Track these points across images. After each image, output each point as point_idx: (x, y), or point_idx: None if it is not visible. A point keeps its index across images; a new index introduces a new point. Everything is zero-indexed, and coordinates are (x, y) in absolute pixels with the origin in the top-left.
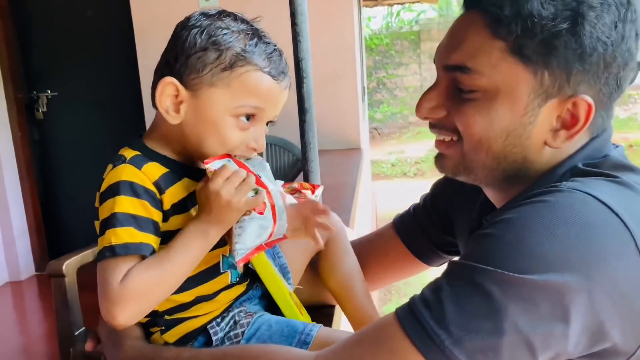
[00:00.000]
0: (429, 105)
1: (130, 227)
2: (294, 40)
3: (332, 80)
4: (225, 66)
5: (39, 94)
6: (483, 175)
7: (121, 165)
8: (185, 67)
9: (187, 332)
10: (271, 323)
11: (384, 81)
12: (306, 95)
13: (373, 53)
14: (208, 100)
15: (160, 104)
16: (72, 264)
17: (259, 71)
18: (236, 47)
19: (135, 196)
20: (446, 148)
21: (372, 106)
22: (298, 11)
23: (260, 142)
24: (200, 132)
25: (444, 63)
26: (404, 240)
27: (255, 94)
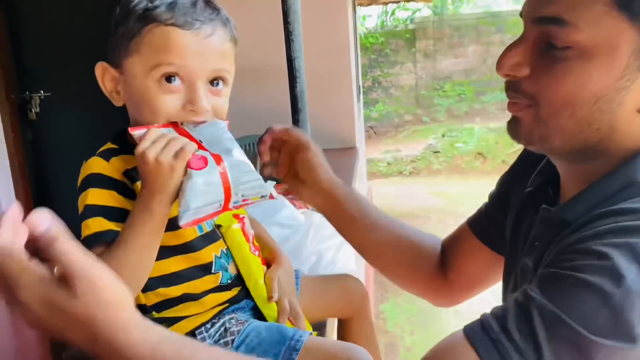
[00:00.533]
0: (512, 61)
1: (99, 216)
2: (287, 39)
3: (327, 79)
4: (134, 33)
5: (32, 95)
6: (559, 143)
7: (91, 158)
8: (110, 47)
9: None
10: (260, 330)
11: (380, 80)
12: (299, 94)
13: (368, 52)
14: (129, 71)
15: (105, 89)
16: None
17: (162, 25)
18: (139, 7)
19: (103, 187)
20: (519, 110)
21: (367, 105)
22: (291, 9)
23: (196, 104)
24: (134, 105)
25: (536, 14)
26: (481, 238)
27: (164, 51)
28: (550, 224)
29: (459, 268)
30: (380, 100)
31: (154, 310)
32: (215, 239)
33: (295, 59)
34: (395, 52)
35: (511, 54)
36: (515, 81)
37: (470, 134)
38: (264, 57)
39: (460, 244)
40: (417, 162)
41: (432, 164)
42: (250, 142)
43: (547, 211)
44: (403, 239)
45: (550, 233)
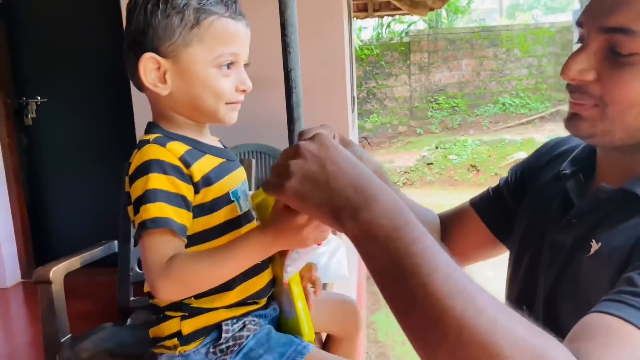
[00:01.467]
0: (578, 67)
1: (160, 202)
2: (284, 51)
3: (322, 90)
4: (192, 24)
5: (29, 100)
6: (620, 138)
7: (146, 146)
8: (155, 38)
9: (205, 325)
10: (272, 331)
11: (374, 91)
12: (295, 104)
13: (363, 63)
14: (189, 60)
15: (147, 80)
16: (59, 270)
17: (222, 17)
18: (192, 3)
19: (163, 173)
20: (585, 110)
21: (362, 116)
22: (288, 22)
23: (247, 83)
24: (192, 92)
25: (602, 24)
26: (485, 220)
27: (227, 41)
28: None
29: (454, 243)
30: (375, 112)
31: (194, 297)
32: (251, 219)
33: (292, 70)
34: (390, 64)
35: (577, 60)
36: (580, 85)
37: (463, 147)
38: (261, 68)
39: (461, 221)
40: (411, 174)
41: (426, 176)
42: (246, 151)
43: (602, 190)
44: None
45: (610, 208)
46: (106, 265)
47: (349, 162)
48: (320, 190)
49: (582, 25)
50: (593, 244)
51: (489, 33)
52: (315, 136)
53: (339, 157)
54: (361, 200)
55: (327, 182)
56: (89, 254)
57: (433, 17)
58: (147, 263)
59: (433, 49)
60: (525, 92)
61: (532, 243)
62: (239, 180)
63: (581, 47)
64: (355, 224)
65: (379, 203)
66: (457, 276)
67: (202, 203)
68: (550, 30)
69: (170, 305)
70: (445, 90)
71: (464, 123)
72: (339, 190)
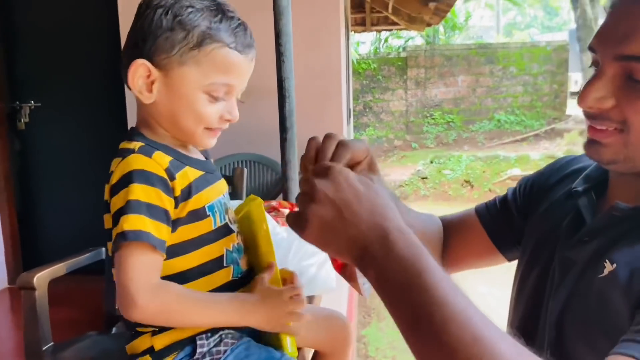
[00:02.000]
0: (596, 95)
1: (142, 214)
2: (278, 60)
3: (318, 101)
4: (194, 45)
5: (22, 104)
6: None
7: (131, 155)
8: (154, 47)
9: (177, 340)
10: (251, 346)
11: (371, 105)
12: (288, 113)
13: (360, 77)
14: (179, 78)
15: (134, 85)
16: (44, 276)
17: (226, 47)
18: (202, 25)
19: (149, 184)
20: (605, 137)
21: (358, 129)
22: (283, 31)
23: (234, 113)
24: (174, 108)
25: (618, 53)
26: (486, 229)
27: (224, 71)
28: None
29: (453, 247)
30: (371, 125)
31: None
32: (228, 233)
33: (285, 80)
34: (387, 79)
35: (594, 88)
36: (600, 112)
37: (458, 162)
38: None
39: (463, 227)
40: (405, 187)
41: (420, 190)
42: (239, 160)
43: (618, 209)
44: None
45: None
46: (93, 272)
47: (366, 203)
48: (339, 239)
49: (595, 51)
50: (607, 265)
51: (486, 50)
52: (330, 172)
53: (356, 198)
54: (378, 247)
55: (345, 230)
56: (75, 260)
57: (430, 33)
58: (126, 276)
59: (430, 65)
60: (521, 110)
61: (541, 260)
62: (218, 194)
63: (597, 75)
64: (373, 271)
65: (395, 251)
66: (474, 322)
67: (179, 217)
68: (546, 48)
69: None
70: (441, 105)
71: (459, 138)
72: (356, 239)
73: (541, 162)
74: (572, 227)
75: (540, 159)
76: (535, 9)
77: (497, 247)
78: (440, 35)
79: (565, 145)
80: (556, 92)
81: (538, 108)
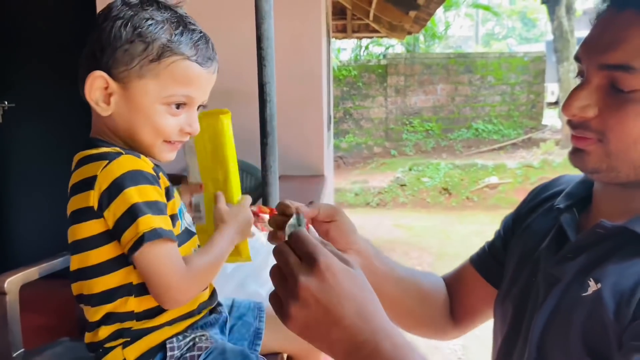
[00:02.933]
0: (580, 104)
1: (152, 213)
2: (259, 65)
3: (298, 107)
4: (153, 58)
5: None
6: (627, 174)
7: (121, 157)
8: (112, 60)
9: (149, 347)
10: (225, 350)
11: (351, 112)
12: (269, 118)
13: (341, 84)
14: (138, 91)
15: (90, 96)
16: (15, 281)
17: (187, 60)
18: (162, 37)
19: (148, 183)
20: (587, 145)
21: (338, 135)
22: (264, 36)
23: (194, 126)
24: (132, 121)
25: (602, 62)
26: (484, 275)
27: (184, 83)
28: (611, 236)
29: (461, 303)
30: (351, 132)
31: (136, 318)
32: (192, 235)
33: (266, 84)
34: (367, 86)
35: (578, 97)
36: (582, 121)
37: (436, 170)
38: (237, 82)
39: (463, 280)
40: (384, 195)
41: (399, 197)
42: None
43: (602, 227)
44: (423, 290)
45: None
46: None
47: (352, 303)
48: (323, 338)
49: (580, 61)
50: (591, 284)
51: (465, 59)
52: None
53: (342, 298)
54: (365, 352)
55: (329, 332)
56: (48, 264)
57: (411, 42)
58: (164, 273)
59: (410, 73)
60: (498, 119)
61: (522, 277)
62: (180, 201)
63: (582, 84)
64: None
65: (382, 354)
66: None
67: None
68: (523, 59)
69: (109, 337)
70: (420, 113)
71: (438, 147)
72: (340, 341)
73: (518, 170)
74: (555, 244)
75: (517, 168)
76: (513, 20)
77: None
78: (420, 43)
79: (542, 155)
80: (533, 102)
81: (515, 117)
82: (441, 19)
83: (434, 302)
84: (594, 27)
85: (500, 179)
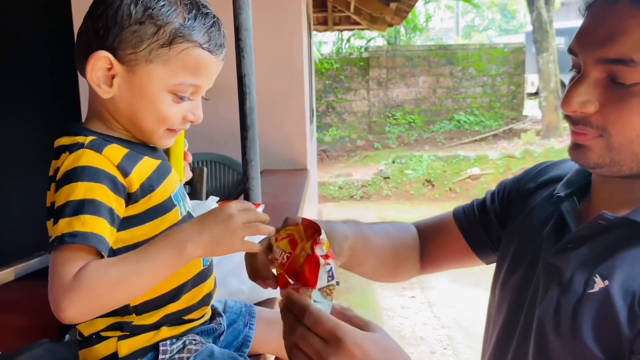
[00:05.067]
0: (580, 99)
1: (84, 214)
2: (238, 56)
3: (280, 100)
4: (164, 42)
5: None
6: (629, 168)
7: (79, 150)
8: (119, 40)
9: (143, 346)
10: (213, 353)
11: (334, 105)
12: (248, 111)
13: (323, 77)
14: (145, 76)
15: (92, 77)
16: None
17: (199, 48)
18: (175, 22)
19: (93, 180)
20: (588, 139)
21: (321, 129)
22: (243, 26)
23: (197, 114)
24: (135, 107)
25: (600, 56)
26: (463, 233)
27: (194, 72)
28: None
29: (430, 250)
30: (334, 125)
31: (135, 312)
32: None
33: (245, 76)
34: (349, 79)
35: (578, 93)
36: (582, 116)
37: (419, 162)
38: None
39: (440, 232)
40: (368, 187)
41: (382, 190)
42: (198, 160)
43: (604, 218)
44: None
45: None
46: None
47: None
48: None
49: (575, 54)
50: (597, 280)
51: (446, 51)
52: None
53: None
54: None
55: None
56: (24, 265)
57: (392, 34)
58: (57, 280)
59: (391, 65)
60: (480, 110)
61: (523, 265)
62: (177, 182)
63: (579, 78)
64: None
65: None
66: None
67: (145, 210)
68: (504, 50)
69: (107, 328)
70: (403, 106)
71: (420, 139)
72: None
73: (499, 161)
74: (555, 233)
75: (499, 158)
76: (493, 11)
77: (474, 251)
78: (401, 36)
79: (523, 145)
80: (514, 93)
81: (496, 109)
82: (422, 12)
83: (407, 256)
84: (587, 19)
85: (482, 169)
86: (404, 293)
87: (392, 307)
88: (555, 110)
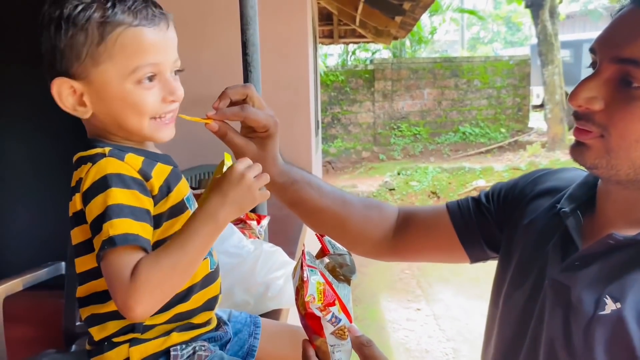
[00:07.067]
0: (587, 95)
1: (127, 218)
2: (245, 70)
3: (286, 112)
4: (97, 40)
5: None
6: (626, 173)
7: (103, 160)
8: (65, 61)
9: (154, 351)
10: (224, 357)
11: (339, 117)
12: None
13: (328, 89)
14: (101, 80)
15: (64, 105)
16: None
17: (130, 27)
18: (95, 16)
19: (126, 187)
20: (588, 138)
21: (326, 140)
22: (250, 41)
23: (177, 93)
24: (113, 111)
25: (615, 54)
26: (455, 225)
27: (140, 52)
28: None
29: (416, 238)
30: (339, 137)
31: None
32: None
33: None
34: (354, 91)
35: (587, 87)
36: (587, 112)
37: (424, 173)
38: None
39: (431, 220)
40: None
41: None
42: (205, 172)
43: (613, 238)
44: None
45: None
46: (52, 288)
47: None
48: None
49: (595, 52)
50: (608, 301)
51: (451, 64)
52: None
53: None
54: None
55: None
56: (32, 275)
57: (397, 46)
58: (114, 283)
59: (396, 78)
60: (485, 122)
61: (529, 281)
62: (188, 188)
63: (592, 74)
64: None
65: None
66: None
67: (161, 213)
68: (509, 62)
69: (119, 331)
70: (408, 118)
71: (425, 150)
72: None
73: (505, 173)
74: (561, 249)
75: (504, 170)
76: (498, 24)
77: (463, 245)
78: (406, 48)
79: (528, 157)
80: (519, 105)
81: (501, 120)
82: (427, 24)
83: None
84: (613, 21)
85: (487, 181)
86: (410, 305)
87: (397, 319)
88: (560, 122)
